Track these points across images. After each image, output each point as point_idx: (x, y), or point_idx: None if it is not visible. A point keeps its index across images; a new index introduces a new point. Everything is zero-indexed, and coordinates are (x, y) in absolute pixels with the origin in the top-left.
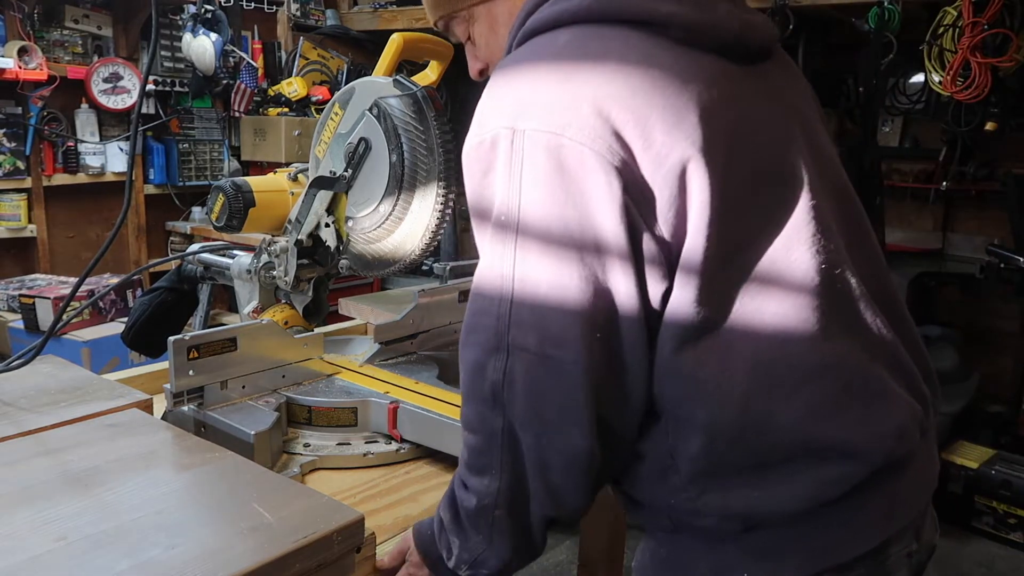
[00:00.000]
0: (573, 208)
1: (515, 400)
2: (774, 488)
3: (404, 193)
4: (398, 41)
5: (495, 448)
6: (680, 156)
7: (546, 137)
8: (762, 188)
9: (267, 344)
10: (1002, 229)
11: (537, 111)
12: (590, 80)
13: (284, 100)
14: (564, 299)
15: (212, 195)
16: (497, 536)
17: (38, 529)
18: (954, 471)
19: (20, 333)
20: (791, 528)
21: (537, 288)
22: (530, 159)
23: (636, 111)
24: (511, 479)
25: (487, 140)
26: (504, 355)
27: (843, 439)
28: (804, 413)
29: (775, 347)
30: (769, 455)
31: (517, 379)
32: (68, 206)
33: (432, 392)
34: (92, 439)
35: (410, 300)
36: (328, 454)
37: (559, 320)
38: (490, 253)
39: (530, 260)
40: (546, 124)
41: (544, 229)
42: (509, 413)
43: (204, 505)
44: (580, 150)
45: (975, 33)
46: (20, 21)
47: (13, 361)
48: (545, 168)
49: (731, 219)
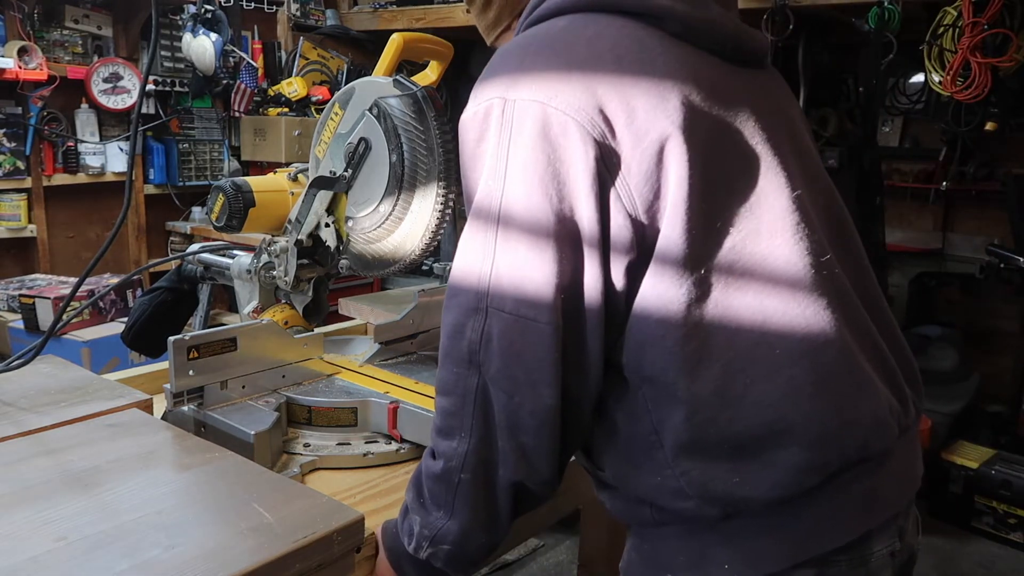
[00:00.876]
0: (552, 177)
1: (491, 359)
2: (754, 473)
3: (404, 193)
4: (398, 41)
5: (467, 408)
6: (660, 133)
7: (534, 106)
8: (744, 175)
9: (267, 344)
10: (1002, 229)
11: (528, 82)
12: (580, 57)
13: (284, 100)
14: (539, 264)
15: (212, 195)
16: (459, 503)
17: (38, 529)
18: (954, 471)
19: (20, 333)
20: (770, 517)
21: (516, 253)
22: (518, 126)
23: (621, 89)
24: (479, 441)
25: (481, 110)
26: (483, 316)
27: (819, 424)
28: (780, 395)
29: (756, 327)
30: (747, 435)
31: (494, 339)
32: (68, 206)
33: (432, 392)
34: (92, 439)
35: (410, 300)
36: (328, 454)
37: (534, 283)
38: (476, 221)
39: (512, 227)
40: (535, 94)
41: (525, 196)
42: (484, 372)
43: (204, 505)
44: (564, 119)
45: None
46: (20, 21)
47: (13, 361)
48: (531, 135)
49: (710, 199)
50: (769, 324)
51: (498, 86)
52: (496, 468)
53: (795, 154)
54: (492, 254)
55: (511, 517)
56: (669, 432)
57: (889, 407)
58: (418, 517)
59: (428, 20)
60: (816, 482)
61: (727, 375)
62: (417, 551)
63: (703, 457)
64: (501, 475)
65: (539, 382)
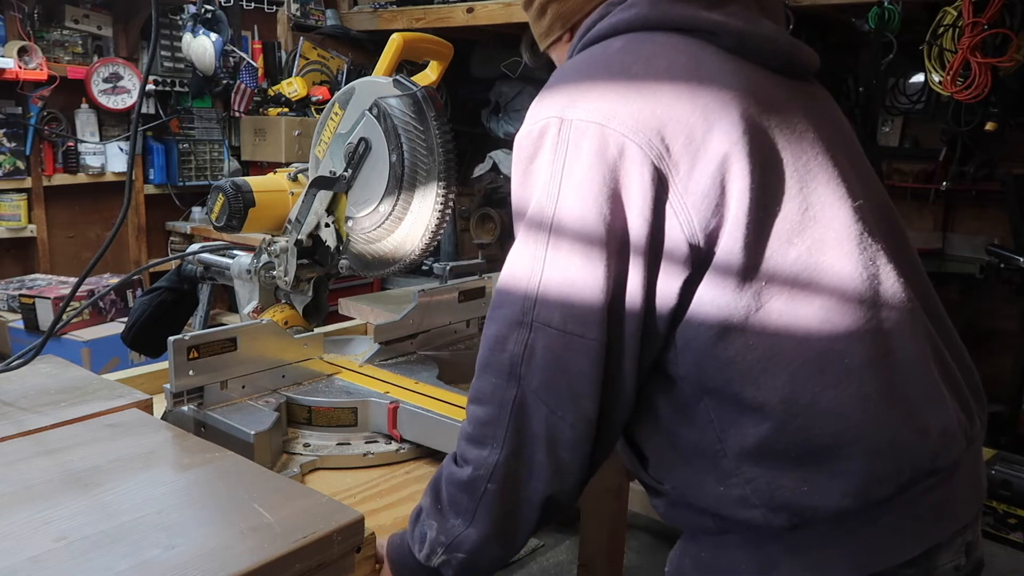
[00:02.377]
0: (607, 197)
1: (532, 373)
2: (823, 482)
3: (404, 193)
4: (398, 41)
5: (503, 419)
6: (718, 151)
7: (592, 127)
8: (805, 186)
9: (267, 344)
10: (1002, 229)
11: (585, 103)
12: (638, 78)
13: (284, 100)
14: (589, 280)
15: (212, 195)
16: (481, 513)
17: (38, 529)
18: None
19: (20, 333)
20: (837, 527)
21: (566, 269)
22: (575, 146)
23: (679, 109)
24: (511, 454)
25: (536, 129)
26: (527, 330)
27: (888, 433)
28: (850, 404)
29: (824, 336)
30: (816, 444)
31: (537, 353)
32: (68, 206)
33: (432, 392)
34: (92, 439)
35: (410, 300)
36: (328, 454)
37: (582, 299)
38: (526, 236)
39: (563, 243)
40: (592, 115)
41: (580, 214)
42: (524, 385)
43: (204, 505)
44: (621, 140)
45: (975, 33)
46: (20, 21)
47: (13, 361)
48: (588, 155)
49: (772, 211)
50: (837, 333)
51: (555, 106)
52: (526, 482)
53: (852, 163)
54: (540, 270)
55: (532, 531)
56: (734, 441)
57: (957, 418)
58: (434, 523)
59: (428, 20)
60: (885, 494)
61: (795, 384)
62: (429, 558)
63: (770, 465)
64: (532, 489)
65: (582, 396)
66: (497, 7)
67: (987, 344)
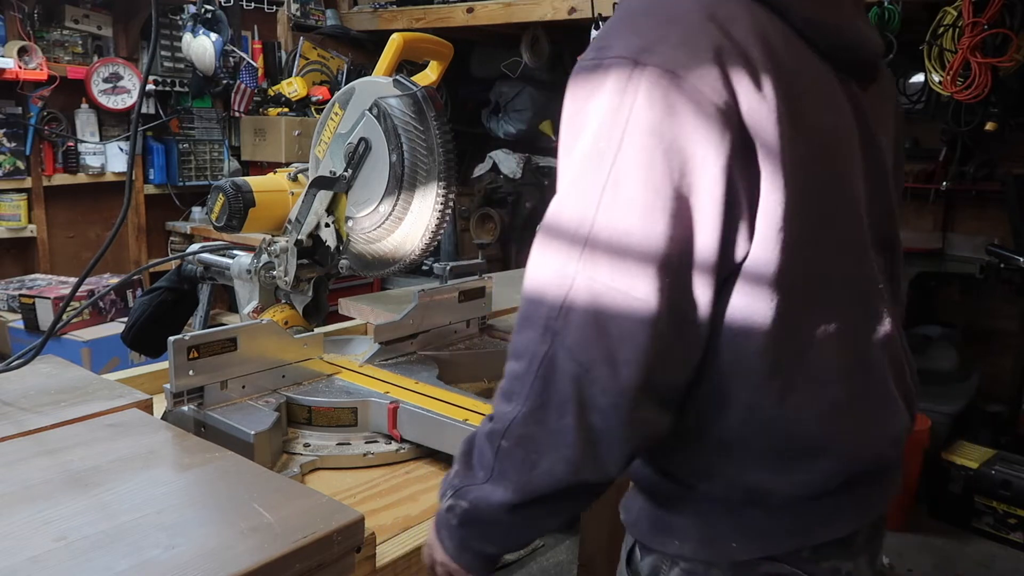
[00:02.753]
0: (677, 152)
1: (568, 328)
2: (787, 475)
3: (404, 193)
4: (398, 41)
5: (530, 375)
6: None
7: (666, 76)
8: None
9: (267, 344)
10: (1002, 229)
11: (660, 50)
12: (713, 36)
13: (284, 100)
14: (646, 235)
15: (212, 195)
16: (499, 471)
17: (38, 529)
18: (954, 471)
19: (20, 333)
20: (784, 507)
21: (621, 221)
22: (646, 93)
23: (749, 76)
24: (529, 411)
25: (603, 66)
26: (569, 282)
27: (853, 439)
28: (827, 410)
29: (818, 342)
30: (793, 444)
31: (577, 307)
32: (68, 206)
33: (432, 392)
34: (92, 439)
35: (410, 300)
36: (328, 454)
37: (635, 256)
38: (577, 179)
39: (623, 192)
40: (667, 63)
41: (645, 166)
42: (558, 341)
43: (204, 505)
44: (695, 94)
45: (975, 33)
46: (20, 21)
47: (13, 361)
48: (661, 106)
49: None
50: (828, 341)
51: (628, 47)
52: (546, 449)
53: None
54: (592, 216)
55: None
56: (719, 427)
57: (904, 424)
58: (459, 467)
59: (428, 20)
60: (835, 486)
61: (784, 388)
62: (442, 496)
63: (744, 455)
64: (554, 458)
65: (620, 360)
66: (497, 7)
67: (987, 344)
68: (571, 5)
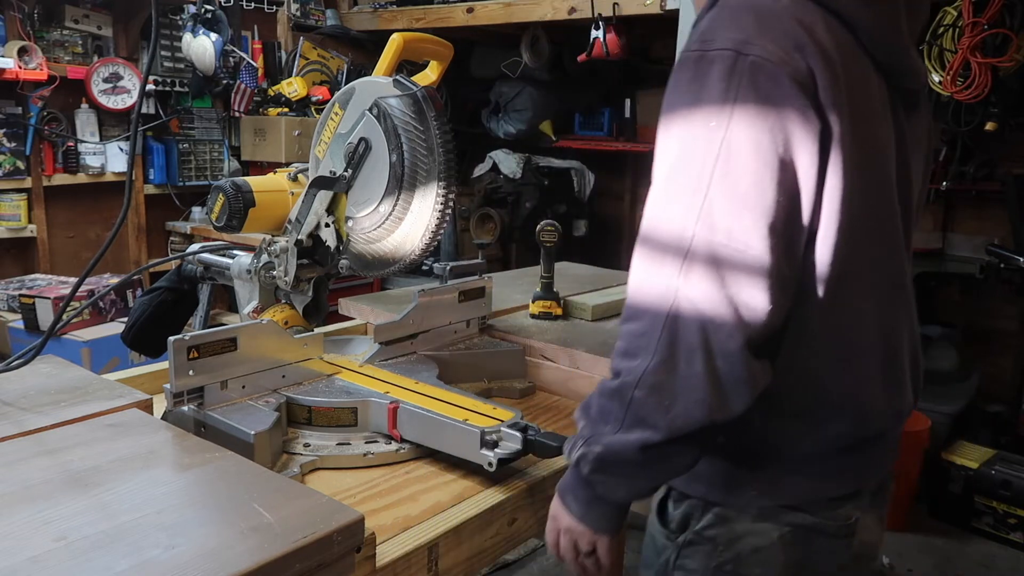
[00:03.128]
0: (780, 130)
1: (690, 284)
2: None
3: (404, 193)
4: (398, 41)
5: (655, 330)
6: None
7: (766, 65)
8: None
9: (267, 344)
10: (1002, 229)
11: (760, 44)
12: (800, 35)
13: (284, 100)
14: (757, 200)
15: (212, 195)
16: (630, 419)
17: (38, 529)
18: (954, 471)
19: (20, 333)
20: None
21: (735, 187)
22: (749, 79)
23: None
24: (661, 361)
25: (708, 56)
26: (688, 242)
27: (868, 407)
28: (858, 377)
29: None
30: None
31: (697, 264)
32: (68, 206)
33: (432, 392)
34: (92, 439)
35: (410, 300)
36: (328, 454)
37: (751, 217)
38: (688, 152)
39: (734, 164)
40: (766, 55)
41: (754, 140)
42: (681, 296)
43: (204, 505)
44: (791, 83)
45: (975, 33)
46: (20, 21)
47: (13, 361)
48: (764, 90)
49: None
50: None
51: (730, 39)
52: (678, 395)
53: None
54: (707, 186)
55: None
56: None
57: (908, 405)
58: (584, 427)
59: (428, 20)
60: (845, 445)
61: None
62: (571, 452)
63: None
64: (686, 402)
65: (742, 309)
66: (497, 7)
67: (987, 344)
68: (571, 5)
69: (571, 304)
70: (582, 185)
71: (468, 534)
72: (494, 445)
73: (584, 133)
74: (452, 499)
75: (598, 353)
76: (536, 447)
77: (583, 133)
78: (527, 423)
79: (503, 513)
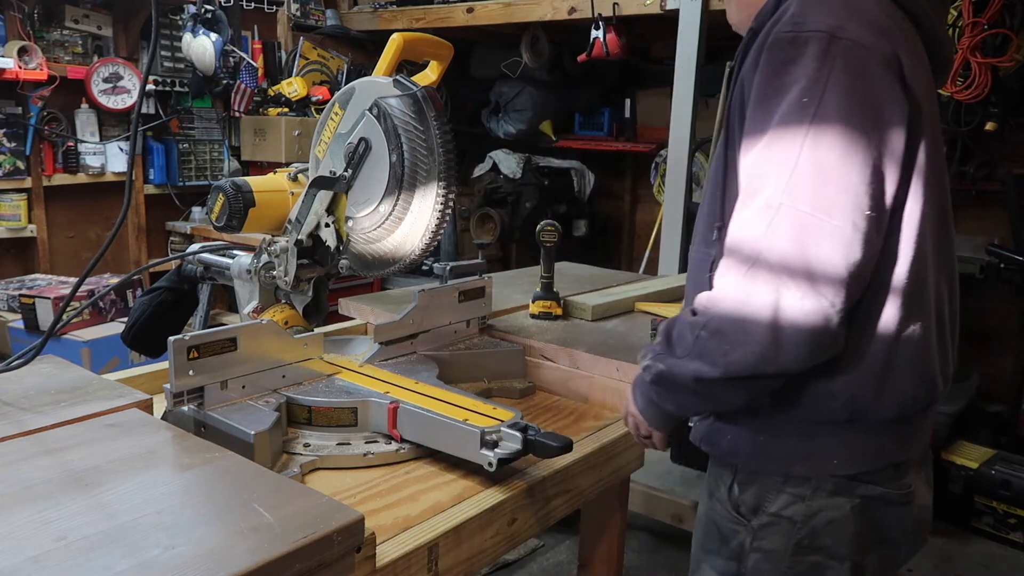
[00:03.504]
0: (871, 108)
1: (772, 248)
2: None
3: (404, 193)
4: (398, 41)
5: (738, 276)
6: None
7: (859, 47)
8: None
9: (267, 344)
10: (1002, 229)
11: (850, 27)
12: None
13: (284, 100)
14: (845, 175)
15: (212, 195)
16: (694, 354)
17: (38, 529)
18: (954, 471)
19: (20, 333)
20: (876, 431)
21: (823, 161)
22: (843, 59)
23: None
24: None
25: (802, 37)
26: (774, 211)
27: (927, 377)
28: (925, 349)
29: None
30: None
31: (780, 230)
32: (68, 206)
33: (432, 392)
34: (92, 439)
35: (410, 300)
36: (328, 454)
37: (836, 189)
38: (781, 127)
39: (824, 139)
40: (858, 38)
41: (844, 116)
42: (762, 259)
43: (204, 505)
44: (882, 63)
45: (975, 33)
46: (20, 21)
47: (13, 361)
48: (856, 69)
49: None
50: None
51: (823, 23)
52: (737, 346)
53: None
54: (796, 157)
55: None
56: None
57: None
58: (661, 342)
59: (428, 20)
60: (908, 413)
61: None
62: (640, 359)
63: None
64: (741, 353)
65: (819, 276)
66: (497, 7)
67: (987, 344)
68: (571, 5)
69: (571, 304)
70: (582, 185)
71: (468, 534)
72: (494, 445)
73: (584, 133)
74: (452, 499)
75: (598, 353)
76: (536, 447)
77: (583, 133)
78: (527, 423)
79: (503, 513)
